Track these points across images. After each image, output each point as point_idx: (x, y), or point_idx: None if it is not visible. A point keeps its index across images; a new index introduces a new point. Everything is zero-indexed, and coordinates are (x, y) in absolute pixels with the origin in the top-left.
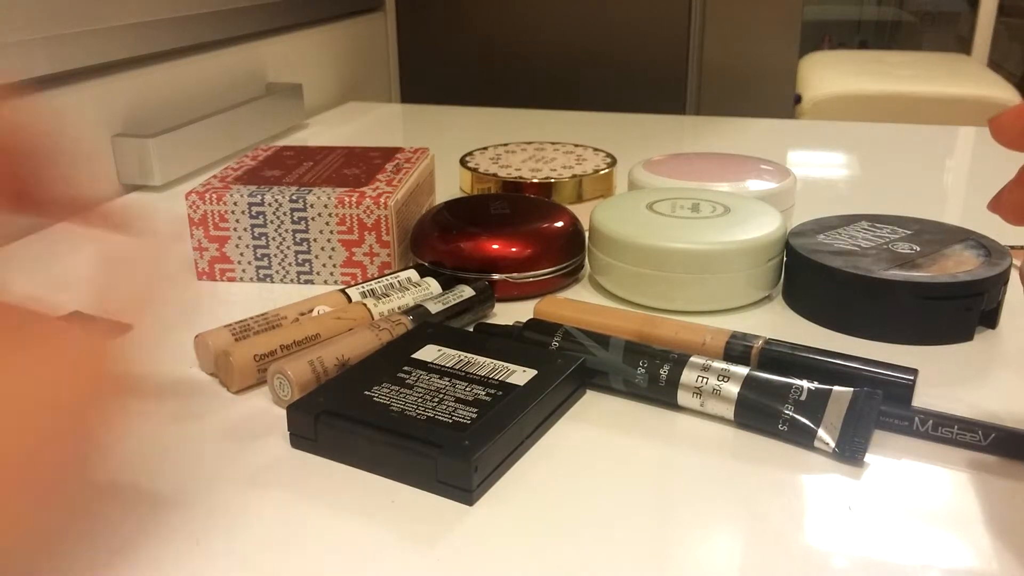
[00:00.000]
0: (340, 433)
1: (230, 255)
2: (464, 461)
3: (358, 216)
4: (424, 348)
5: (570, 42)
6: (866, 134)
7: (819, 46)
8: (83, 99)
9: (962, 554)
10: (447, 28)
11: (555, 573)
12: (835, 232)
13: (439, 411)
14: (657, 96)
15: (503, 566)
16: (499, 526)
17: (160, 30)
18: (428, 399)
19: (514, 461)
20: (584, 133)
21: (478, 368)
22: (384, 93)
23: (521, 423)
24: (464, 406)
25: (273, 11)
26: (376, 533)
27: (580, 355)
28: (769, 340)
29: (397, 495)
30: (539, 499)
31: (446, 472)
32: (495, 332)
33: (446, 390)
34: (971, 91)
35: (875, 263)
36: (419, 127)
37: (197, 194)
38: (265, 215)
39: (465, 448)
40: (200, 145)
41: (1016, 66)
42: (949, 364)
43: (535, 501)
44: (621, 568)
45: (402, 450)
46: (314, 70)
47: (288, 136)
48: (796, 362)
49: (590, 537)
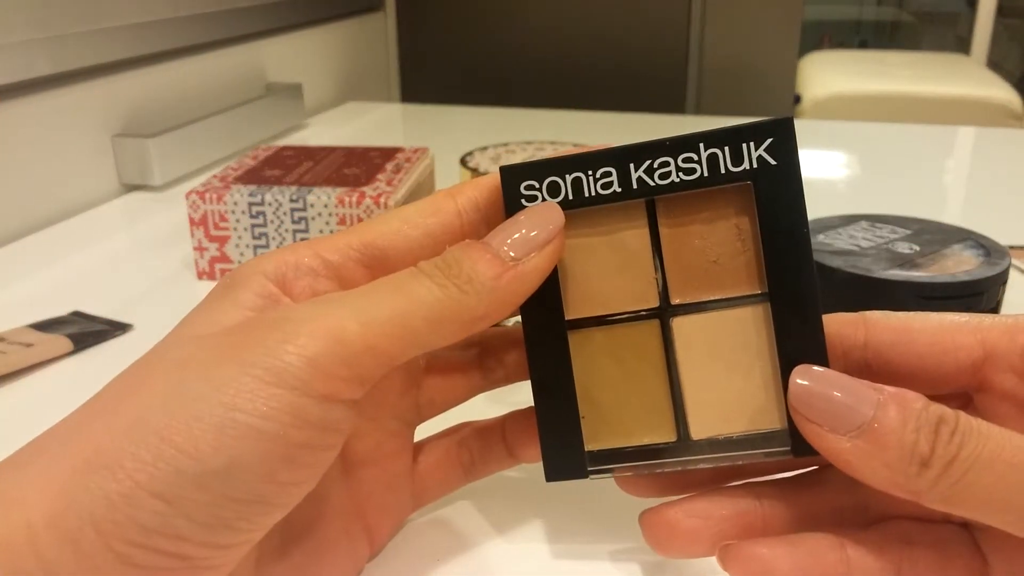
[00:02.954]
0: None
1: (230, 255)
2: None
3: (358, 216)
4: None
5: (570, 42)
6: (866, 134)
7: (819, 46)
8: (83, 99)
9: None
10: (447, 28)
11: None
12: (835, 232)
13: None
14: (657, 96)
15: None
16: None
17: (160, 30)
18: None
19: None
20: (584, 133)
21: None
22: (384, 93)
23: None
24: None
25: (273, 11)
26: None
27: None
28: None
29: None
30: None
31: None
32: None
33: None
34: (970, 91)
35: (875, 263)
36: (419, 127)
37: (197, 194)
38: (265, 215)
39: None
40: (200, 145)
41: (1015, 66)
42: None
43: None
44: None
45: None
46: (314, 70)
47: (288, 136)
48: None
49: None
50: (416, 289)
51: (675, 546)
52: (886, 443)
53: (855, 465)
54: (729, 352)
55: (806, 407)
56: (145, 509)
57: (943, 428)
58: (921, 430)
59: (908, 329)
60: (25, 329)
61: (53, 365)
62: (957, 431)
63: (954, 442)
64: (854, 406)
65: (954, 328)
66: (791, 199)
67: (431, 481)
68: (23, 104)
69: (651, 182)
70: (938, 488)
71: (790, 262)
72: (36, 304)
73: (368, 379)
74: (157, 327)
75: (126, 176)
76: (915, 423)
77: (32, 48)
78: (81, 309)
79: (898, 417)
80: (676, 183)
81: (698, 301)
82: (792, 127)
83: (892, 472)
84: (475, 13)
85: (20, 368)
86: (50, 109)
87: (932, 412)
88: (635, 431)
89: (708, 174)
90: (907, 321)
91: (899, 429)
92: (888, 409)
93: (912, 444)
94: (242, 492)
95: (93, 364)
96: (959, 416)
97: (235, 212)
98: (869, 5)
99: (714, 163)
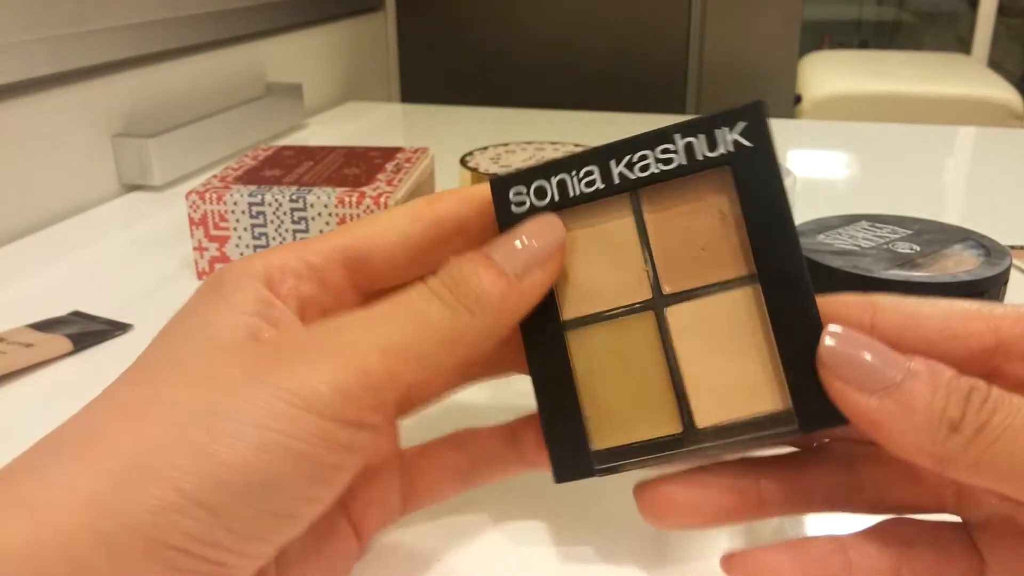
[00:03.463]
0: None
1: (230, 255)
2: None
3: (358, 216)
4: None
5: (570, 42)
6: (866, 134)
7: (819, 46)
8: (83, 99)
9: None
10: (447, 28)
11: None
12: (835, 232)
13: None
14: (657, 96)
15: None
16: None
17: (160, 30)
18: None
19: None
20: (584, 133)
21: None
22: (384, 93)
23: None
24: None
25: (273, 11)
26: None
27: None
28: None
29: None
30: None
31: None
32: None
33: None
34: (971, 91)
35: (875, 263)
36: (419, 127)
37: (197, 194)
38: (265, 215)
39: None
40: (200, 145)
41: (1016, 66)
42: None
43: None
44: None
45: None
46: (314, 70)
47: (288, 136)
48: None
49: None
50: (427, 312)
51: (672, 518)
52: (915, 405)
53: (882, 426)
54: (725, 337)
55: (835, 364)
56: (189, 517)
57: (975, 395)
58: (952, 395)
59: (917, 314)
60: (25, 329)
61: (53, 365)
62: (990, 399)
63: (986, 408)
64: (883, 367)
65: (965, 315)
66: (769, 178)
67: (421, 485)
68: (23, 104)
69: (632, 175)
70: (967, 454)
71: (774, 240)
72: (36, 304)
73: (388, 404)
74: (157, 327)
75: (126, 176)
76: (946, 388)
77: (32, 48)
78: (81, 309)
79: (929, 381)
80: (656, 174)
81: (690, 288)
82: (764, 109)
83: (919, 436)
84: (475, 13)
85: (20, 368)
86: (50, 109)
87: (964, 380)
88: (640, 426)
89: (686, 162)
90: (917, 306)
91: (929, 393)
92: (919, 373)
93: (942, 408)
94: (277, 507)
95: (93, 364)
96: (991, 386)
97: (235, 212)
98: (869, 5)
99: (691, 151)
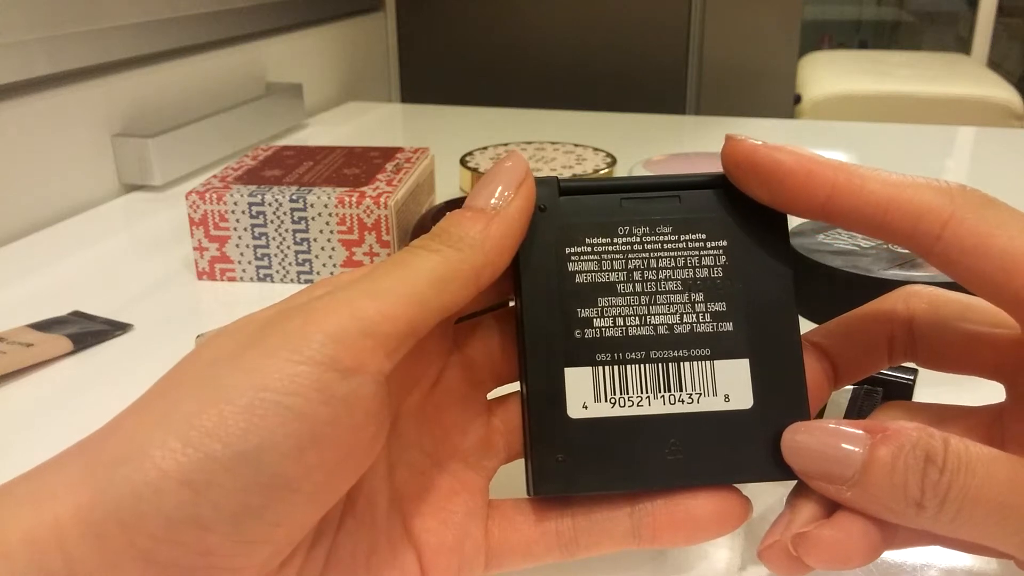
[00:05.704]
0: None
1: (230, 255)
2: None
3: (358, 216)
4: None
5: (570, 42)
6: (866, 134)
7: (819, 46)
8: (83, 99)
9: (961, 553)
10: (447, 28)
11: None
12: (835, 232)
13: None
14: (657, 96)
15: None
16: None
17: (160, 30)
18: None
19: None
20: (584, 133)
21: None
22: (384, 93)
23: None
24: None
25: (273, 11)
26: None
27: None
28: None
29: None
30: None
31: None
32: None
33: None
34: (971, 91)
35: (875, 263)
36: (419, 127)
37: (197, 194)
38: (265, 215)
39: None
40: (200, 145)
41: (1015, 66)
42: None
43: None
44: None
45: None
46: (314, 70)
47: (288, 136)
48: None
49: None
50: (414, 260)
51: (823, 561)
52: (879, 492)
53: (863, 509)
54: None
55: (802, 465)
56: (171, 498)
57: (930, 469)
58: (909, 472)
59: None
60: (25, 329)
61: (53, 365)
62: (945, 469)
63: (943, 482)
64: (843, 458)
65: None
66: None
67: (506, 544)
68: (23, 104)
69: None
70: (939, 524)
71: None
72: (36, 304)
73: (391, 349)
74: (157, 327)
75: (126, 176)
76: (903, 464)
77: (32, 48)
78: (81, 309)
79: (888, 461)
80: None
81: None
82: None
83: (895, 514)
84: (475, 13)
85: (20, 368)
86: (50, 109)
87: (920, 451)
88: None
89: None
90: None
91: (888, 475)
92: (878, 452)
93: (903, 487)
94: (269, 475)
95: (93, 364)
96: (947, 450)
97: (235, 212)
98: (869, 5)
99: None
